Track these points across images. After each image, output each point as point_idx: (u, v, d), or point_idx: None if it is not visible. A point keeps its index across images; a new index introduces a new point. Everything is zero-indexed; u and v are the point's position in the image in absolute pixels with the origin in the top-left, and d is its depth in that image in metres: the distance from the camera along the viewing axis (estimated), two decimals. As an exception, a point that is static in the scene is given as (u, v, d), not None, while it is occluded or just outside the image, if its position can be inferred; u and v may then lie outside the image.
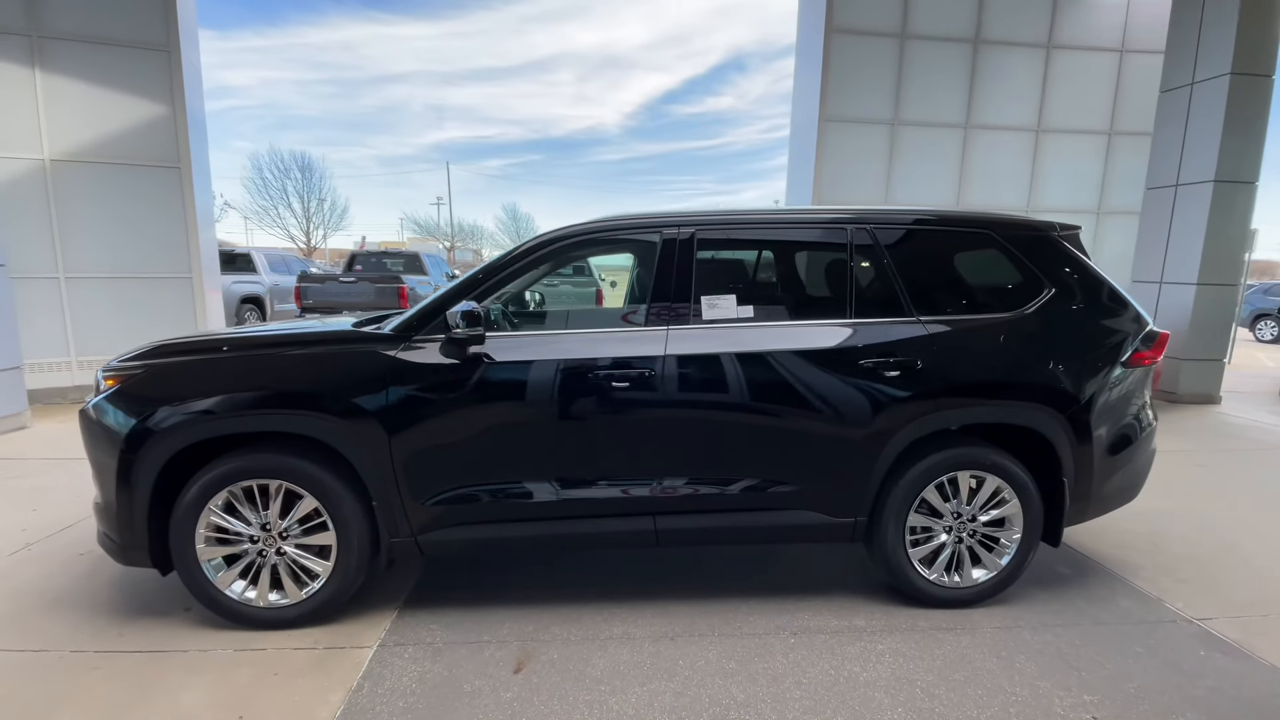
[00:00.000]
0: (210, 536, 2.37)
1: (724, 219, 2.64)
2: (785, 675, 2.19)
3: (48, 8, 6.01)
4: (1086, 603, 2.71)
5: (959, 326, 2.56)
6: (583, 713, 2.00)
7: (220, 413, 2.31)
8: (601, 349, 2.46)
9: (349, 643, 2.36)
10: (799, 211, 2.69)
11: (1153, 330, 2.72)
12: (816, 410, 2.48)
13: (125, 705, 2.01)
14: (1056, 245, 2.72)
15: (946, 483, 2.56)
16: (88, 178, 6.41)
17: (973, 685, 2.15)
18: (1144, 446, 2.74)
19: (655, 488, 2.48)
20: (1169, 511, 3.79)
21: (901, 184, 9.32)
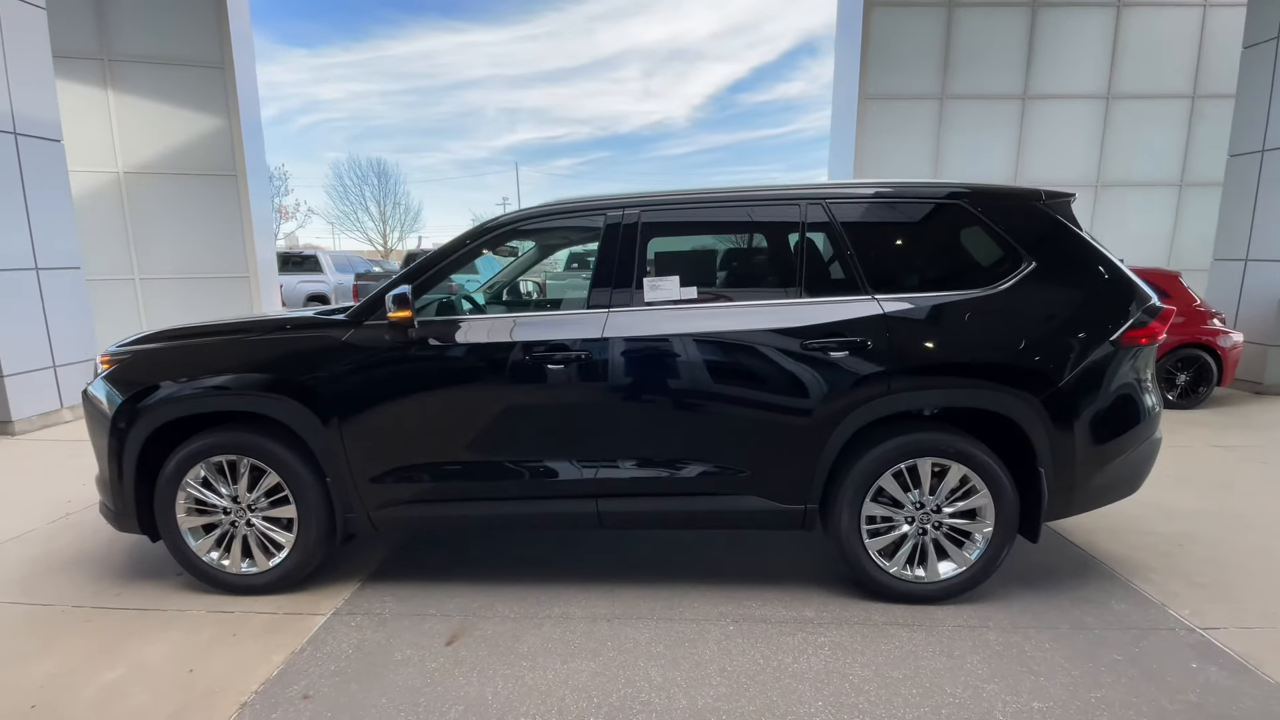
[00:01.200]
0: (189, 507, 2.57)
1: (669, 200, 2.58)
2: (710, 662, 2.14)
3: (116, 33, 6.68)
4: (1073, 604, 2.48)
5: (919, 304, 2.40)
6: (496, 686, 2.03)
7: (189, 394, 2.50)
8: (538, 332, 2.47)
9: (307, 610, 2.51)
10: (749, 190, 2.60)
11: (1153, 305, 2.45)
12: (759, 393, 2.40)
13: (97, 655, 2.22)
14: (1039, 215, 2.49)
15: (906, 471, 2.41)
16: (156, 188, 7.08)
17: (910, 684, 2.02)
18: (1142, 434, 2.46)
19: (596, 471, 2.48)
20: (1208, 511, 3.41)
21: (951, 162, 8.79)
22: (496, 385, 2.46)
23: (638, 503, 2.50)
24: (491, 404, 2.47)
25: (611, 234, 2.53)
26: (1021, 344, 2.35)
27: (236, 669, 2.14)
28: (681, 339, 2.42)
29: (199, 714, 1.93)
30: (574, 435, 2.46)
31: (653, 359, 2.44)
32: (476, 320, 2.60)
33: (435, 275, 2.56)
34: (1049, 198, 2.52)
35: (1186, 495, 3.66)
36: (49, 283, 5.55)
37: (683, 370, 2.42)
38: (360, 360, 2.47)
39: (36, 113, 5.37)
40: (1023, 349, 2.34)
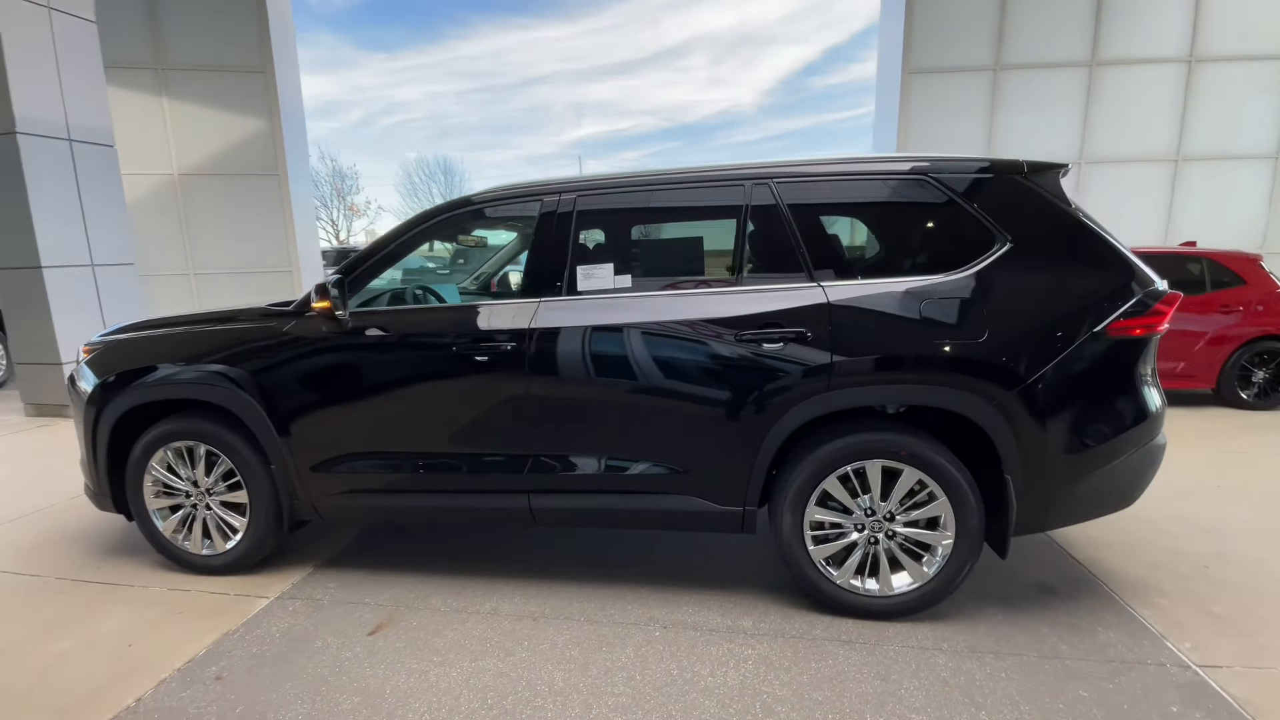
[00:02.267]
0: (155, 489, 2.70)
1: (606, 184, 2.45)
2: (621, 669, 2.04)
3: (168, 44, 7.15)
4: (1052, 629, 2.21)
5: (868, 292, 2.17)
6: (399, 680, 2.01)
7: (149, 382, 2.62)
8: (468, 323, 2.42)
9: (255, 592, 2.58)
10: (691, 171, 2.43)
11: (1154, 291, 2.12)
12: (692, 387, 2.25)
13: (57, 625, 2.36)
14: (1019, 190, 2.20)
15: (853, 474, 2.20)
16: (207, 188, 7.56)
17: (828, 708, 1.84)
18: (1137, 438, 2.14)
19: (526, 466, 2.40)
20: (1256, 529, 2.97)
21: (1007, 138, 8.13)
22: (425, 377, 2.43)
23: (570, 500, 2.41)
24: (420, 396, 2.44)
25: (546, 221, 2.44)
26: (984, 335, 2.08)
27: (170, 646, 2.22)
28: (611, 330, 2.30)
29: (119, 688, 2.00)
30: (502, 429, 2.40)
31: (581, 351, 2.34)
32: (409, 311, 2.58)
33: (373, 266, 2.55)
34: (1032, 170, 2.23)
35: (1235, 509, 3.21)
36: (104, 278, 6.02)
37: (611, 363, 2.31)
38: (299, 350, 2.50)
39: (90, 120, 5.82)
40: (985, 340, 2.08)
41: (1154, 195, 7.82)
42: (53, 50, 5.45)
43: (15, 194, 5.29)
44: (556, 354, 2.33)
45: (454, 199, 2.58)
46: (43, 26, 5.37)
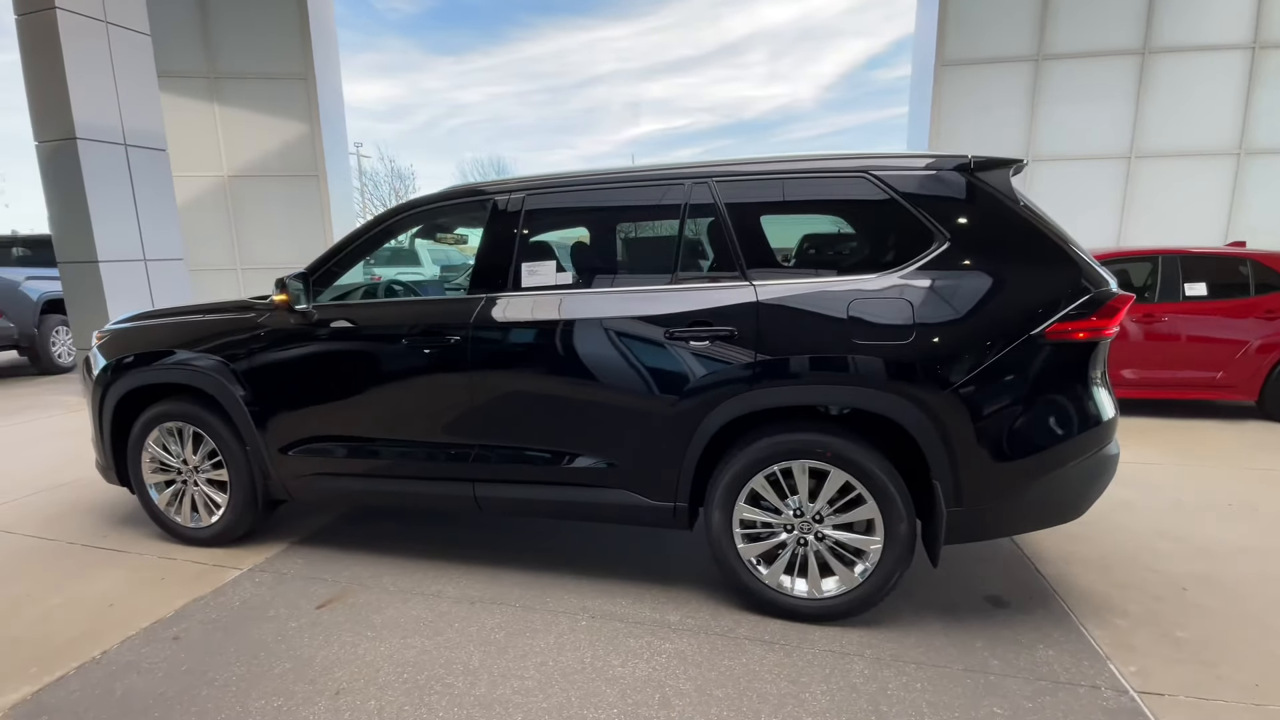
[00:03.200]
0: (151, 465, 2.95)
1: (553, 183, 2.51)
2: (537, 654, 2.09)
3: (219, 53, 7.66)
4: (988, 643, 2.12)
5: (797, 291, 2.15)
6: (331, 650, 2.13)
7: (141, 366, 2.85)
8: (419, 317, 2.53)
9: (231, 564, 2.78)
10: (635, 170, 2.45)
11: (1101, 293, 2.01)
12: (625, 382, 2.28)
13: (57, 583, 2.62)
14: (961, 187, 2.13)
15: (780, 474, 2.19)
16: (253, 188, 8.07)
17: (726, 705, 1.85)
18: (1080, 447, 2.03)
19: (471, 455, 2.49)
20: (1257, 551, 2.76)
21: (1049, 133, 7.71)
22: (378, 368, 2.56)
23: (512, 489, 2.49)
24: (373, 386, 2.57)
25: (494, 219, 2.52)
26: (910, 336, 2.02)
27: (145, 607, 2.43)
28: (546, 326, 2.36)
29: (90, 641, 2.21)
30: (448, 420, 2.50)
31: (520, 345, 2.41)
32: (365, 305, 2.71)
33: (337, 264, 2.70)
34: (979, 166, 2.14)
35: (1240, 530, 2.98)
36: (155, 272, 6.53)
37: (546, 358, 2.37)
38: (269, 340, 2.68)
39: (144, 125, 6.32)
40: (911, 342, 2.02)
41: (1213, 192, 7.25)
42: (109, 62, 5.95)
43: (75, 195, 5.81)
44: (496, 348, 2.41)
45: (412, 199, 2.70)
46: (100, 40, 5.87)
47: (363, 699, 1.90)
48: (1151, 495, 3.44)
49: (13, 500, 3.54)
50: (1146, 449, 4.25)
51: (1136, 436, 4.53)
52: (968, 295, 2.03)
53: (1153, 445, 4.33)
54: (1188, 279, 4.85)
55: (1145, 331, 4.86)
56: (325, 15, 8.14)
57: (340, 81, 8.61)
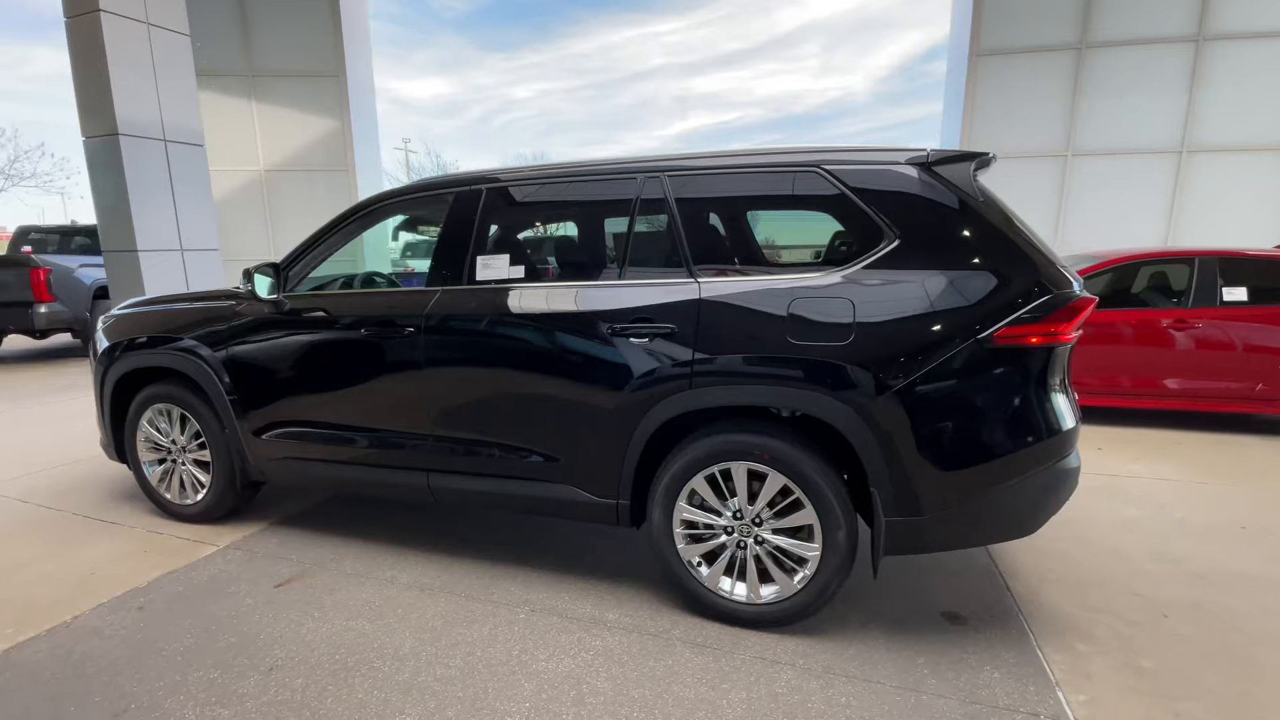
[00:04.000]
0: (145, 444, 3.12)
1: (513, 177, 2.52)
2: (467, 644, 2.12)
3: (257, 52, 8.00)
4: (930, 661, 2.03)
5: (739, 289, 2.09)
6: (277, 628, 2.21)
7: (135, 350, 3.01)
8: (378, 309, 2.59)
9: (210, 540, 2.91)
10: (590, 165, 2.43)
11: (1057, 296, 1.88)
12: (568, 378, 2.28)
13: (53, 552, 2.80)
14: (915, 183, 2.03)
15: (720, 475, 2.14)
16: (287, 182, 8.40)
17: (639, 706, 1.82)
18: (1032, 459, 1.92)
19: (424, 446, 2.54)
20: (1256, 580, 2.55)
21: (1092, 126, 7.28)
22: (342, 357, 2.63)
23: (463, 481, 2.52)
24: (338, 374, 2.64)
25: (454, 213, 2.55)
26: (850, 337, 1.95)
27: (123, 577, 2.57)
28: (497, 318, 2.38)
29: (65, 606, 2.36)
30: (403, 410, 2.55)
31: (469, 338, 2.43)
32: (330, 296, 2.78)
33: (309, 257, 2.79)
34: (936, 162, 2.04)
35: (1246, 555, 2.76)
36: (192, 262, 6.89)
37: (496, 350, 2.38)
38: (244, 328, 2.79)
39: (182, 122, 6.66)
40: (850, 344, 1.94)
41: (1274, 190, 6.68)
42: (151, 61, 6.29)
43: (117, 188, 6.18)
44: (446, 340, 2.44)
45: (379, 193, 2.75)
46: (142, 41, 6.21)
47: (292, 676, 1.96)
48: (1156, 514, 3.22)
49: (35, 472, 3.81)
50: (1165, 465, 3.97)
51: (1157, 451, 4.25)
52: (912, 296, 1.93)
53: (1173, 460, 4.05)
54: (1226, 283, 4.50)
55: (1176, 339, 4.54)
56: (358, 14, 8.39)
57: (372, 78, 8.86)
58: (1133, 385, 4.69)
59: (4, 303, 7.22)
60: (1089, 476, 3.74)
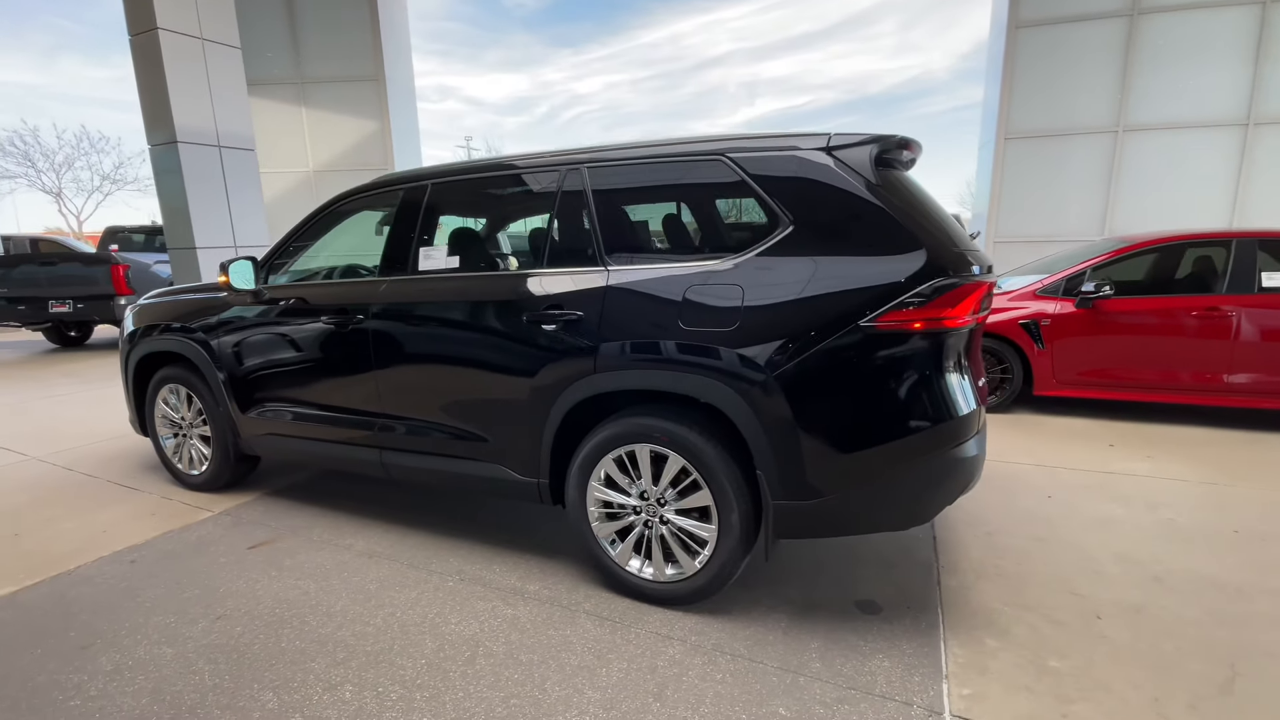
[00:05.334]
0: (162, 420, 3.50)
1: (454, 172, 2.66)
2: (391, 606, 2.29)
3: (306, 60, 8.55)
4: (823, 646, 2.04)
5: (641, 277, 2.15)
6: (237, 584, 2.47)
7: (151, 335, 3.38)
8: (334, 298, 2.80)
9: (209, 507, 3.25)
10: (521, 158, 2.53)
11: (946, 283, 1.83)
12: (493, 363, 2.40)
13: (78, 512, 3.21)
14: (812, 168, 2.01)
15: (626, 457, 2.21)
16: (332, 182, 8.95)
17: (522, 669, 1.94)
18: (919, 448, 1.88)
19: (377, 425, 2.74)
20: (1221, 588, 2.38)
21: (1146, 99, 6.73)
22: (309, 341, 2.86)
23: (410, 459, 2.70)
24: (306, 357, 2.88)
25: (403, 207, 2.73)
26: (736, 323, 1.97)
27: (128, 535, 2.92)
28: (433, 307, 2.53)
29: (74, 557, 2.72)
30: (360, 391, 2.75)
31: (409, 325, 2.59)
32: (300, 286, 3.01)
33: (286, 250, 3.04)
34: (837, 147, 2.02)
35: (1227, 561, 2.57)
36: (243, 256, 7.50)
37: (432, 337, 2.54)
38: (232, 315, 3.08)
39: (235, 128, 7.25)
40: (736, 329, 1.96)
41: None
42: (205, 73, 6.88)
43: (177, 191, 6.82)
44: (390, 326, 2.62)
45: (346, 190, 2.96)
46: (197, 55, 6.80)
47: (232, 624, 2.20)
48: (1143, 514, 3.02)
49: (84, 445, 4.32)
50: (1177, 464, 3.69)
51: (1175, 449, 3.94)
52: (798, 281, 1.93)
53: (1188, 460, 3.75)
54: (1266, 266, 4.09)
55: (1208, 328, 4.18)
56: (398, 20, 8.82)
57: (412, 80, 9.31)
58: (1156, 379, 4.36)
59: (91, 296, 8.10)
60: (1083, 474, 3.54)
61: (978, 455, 1.95)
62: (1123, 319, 4.36)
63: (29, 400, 5.69)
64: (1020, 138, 7.11)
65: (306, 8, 8.39)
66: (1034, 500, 3.20)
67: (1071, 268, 4.61)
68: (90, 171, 29.82)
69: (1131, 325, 4.35)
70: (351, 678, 1.92)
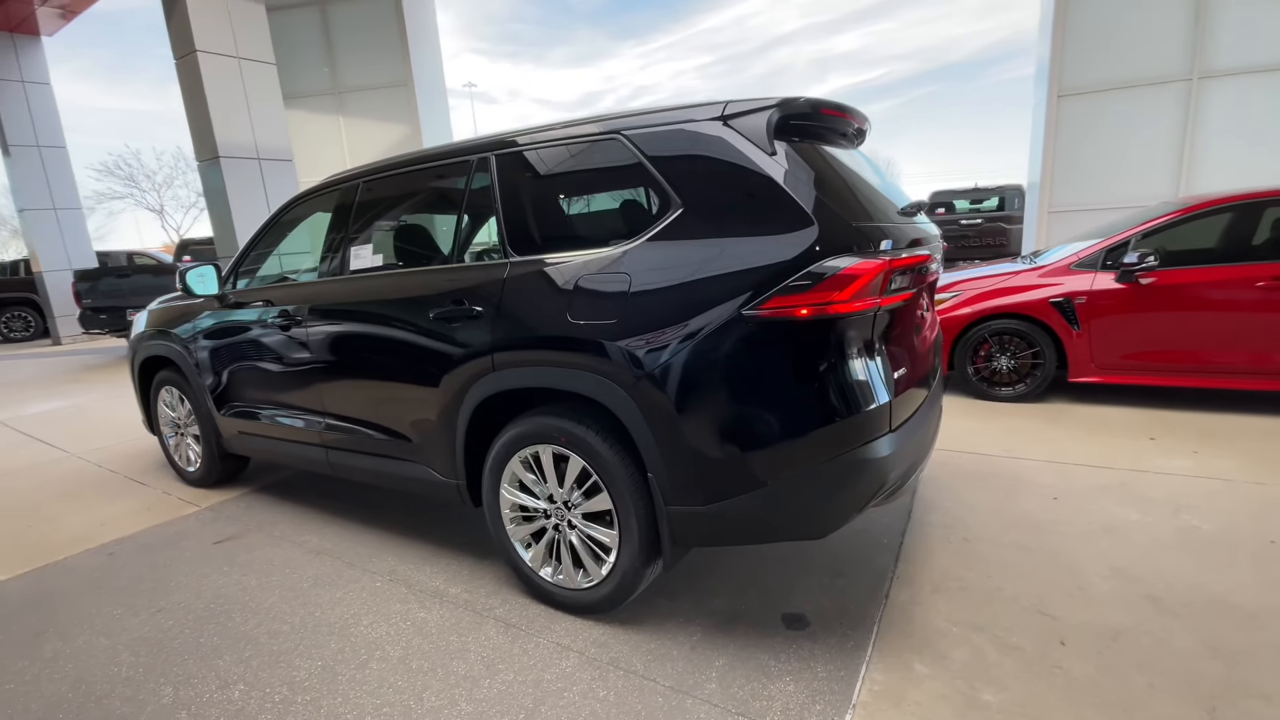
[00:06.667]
0: (163, 420, 3.73)
1: (377, 171, 2.63)
2: (312, 605, 2.31)
3: (341, 72, 8.91)
4: (727, 665, 1.88)
5: (533, 269, 2.04)
6: (188, 578, 2.57)
7: (146, 340, 3.60)
8: (277, 299, 2.85)
9: (197, 502, 3.43)
10: (439, 150, 2.46)
11: (832, 265, 1.61)
12: (407, 361, 2.37)
13: (83, 504, 3.47)
14: (706, 142, 1.83)
15: (531, 458, 2.12)
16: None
17: (411, 675, 1.90)
18: (813, 450, 1.67)
19: (322, 424, 2.78)
20: (1253, 614, 2.00)
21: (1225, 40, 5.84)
22: (261, 343, 2.94)
23: (350, 458, 2.72)
24: (260, 358, 2.97)
25: (338, 207, 2.74)
26: (621, 314, 1.82)
27: (118, 528, 3.13)
28: (349, 306, 2.54)
29: (66, 548, 2.93)
30: (303, 391, 2.80)
31: (335, 325, 2.60)
32: (252, 290, 3.09)
33: (248, 256, 3.14)
34: (733, 116, 1.82)
35: (1256, 578, 2.17)
36: (286, 261, 7.94)
37: (355, 336, 2.54)
38: (206, 320, 3.22)
39: (273, 141, 7.65)
40: (621, 320, 1.82)
41: None
42: (242, 90, 7.30)
43: (222, 203, 7.29)
44: (320, 327, 2.65)
45: (293, 195, 3.01)
46: (235, 73, 7.21)
47: (167, 618, 2.29)
48: (1163, 519, 2.61)
49: (119, 444, 4.69)
50: (1225, 460, 3.18)
51: (1225, 443, 3.41)
52: (682, 267, 1.76)
53: (1239, 456, 3.23)
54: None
55: (1270, 302, 3.57)
56: (424, 25, 9.03)
57: (442, 81, 9.52)
58: (1214, 361, 3.78)
59: (162, 303, 8.86)
60: (1105, 471, 3.12)
61: (891, 455, 1.71)
62: (1175, 293, 3.80)
63: (93, 402, 6.27)
64: (1076, 94, 6.37)
65: (340, 21, 8.75)
66: (1035, 502, 2.84)
67: (1111, 237, 4.07)
68: (188, 189, 32.67)
69: (1186, 299, 3.79)
70: (248, 676, 1.95)
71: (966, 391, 4.62)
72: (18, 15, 9.55)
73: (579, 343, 1.89)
